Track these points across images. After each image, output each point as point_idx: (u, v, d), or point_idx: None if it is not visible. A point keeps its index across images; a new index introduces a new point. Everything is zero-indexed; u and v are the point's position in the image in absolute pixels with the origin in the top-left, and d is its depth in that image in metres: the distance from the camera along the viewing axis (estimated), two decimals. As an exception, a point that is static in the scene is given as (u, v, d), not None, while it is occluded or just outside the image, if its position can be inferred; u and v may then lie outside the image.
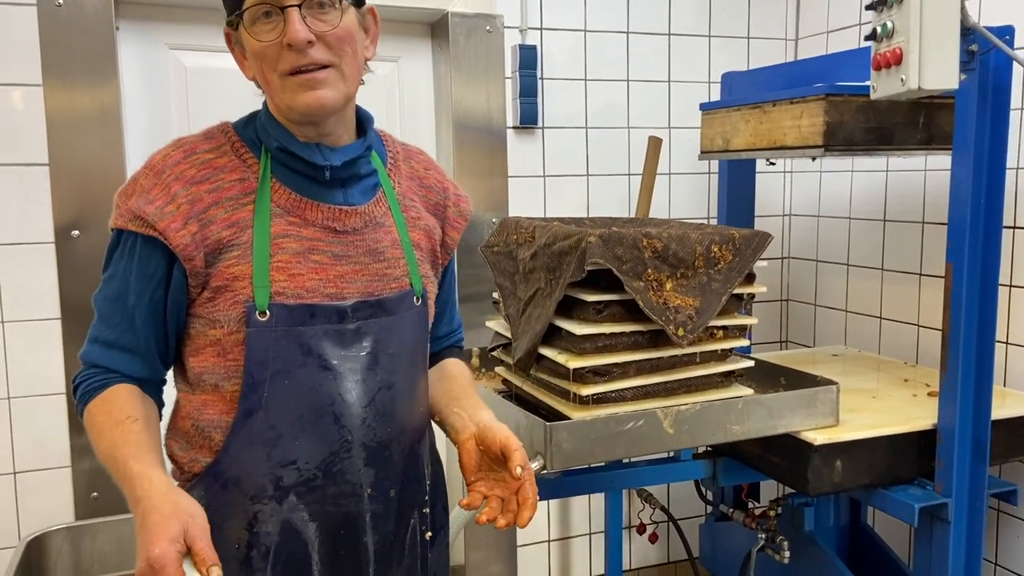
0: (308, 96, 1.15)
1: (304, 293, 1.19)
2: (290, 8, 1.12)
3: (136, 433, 1.12)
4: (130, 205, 1.15)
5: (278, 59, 1.14)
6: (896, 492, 1.78)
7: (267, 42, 1.13)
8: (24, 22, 2.07)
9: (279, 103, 1.18)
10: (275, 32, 1.13)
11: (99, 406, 1.17)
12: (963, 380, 1.71)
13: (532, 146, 2.59)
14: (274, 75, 1.16)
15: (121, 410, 1.15)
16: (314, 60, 1.14)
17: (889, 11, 1.45)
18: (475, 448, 1.25)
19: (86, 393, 1.19)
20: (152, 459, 1.10)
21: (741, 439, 1.71)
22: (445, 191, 1.39)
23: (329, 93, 1.16)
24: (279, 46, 1.13)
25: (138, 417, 1.14)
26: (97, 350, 1.20)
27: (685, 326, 1.61)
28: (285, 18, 1.12)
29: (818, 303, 2.87)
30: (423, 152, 1.42)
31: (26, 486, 2.18)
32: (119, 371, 1.19)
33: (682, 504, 2.77)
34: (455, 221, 1.39)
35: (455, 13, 2.44)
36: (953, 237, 1.70)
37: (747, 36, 2.82)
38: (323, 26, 1.14)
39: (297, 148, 1.20)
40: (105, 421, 1.14)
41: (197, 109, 2.35)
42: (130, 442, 1.11)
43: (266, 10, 1.12)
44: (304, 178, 1.22)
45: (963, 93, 1.60)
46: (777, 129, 1.99)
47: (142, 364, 1.20)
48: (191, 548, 1.01)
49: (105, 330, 1.20)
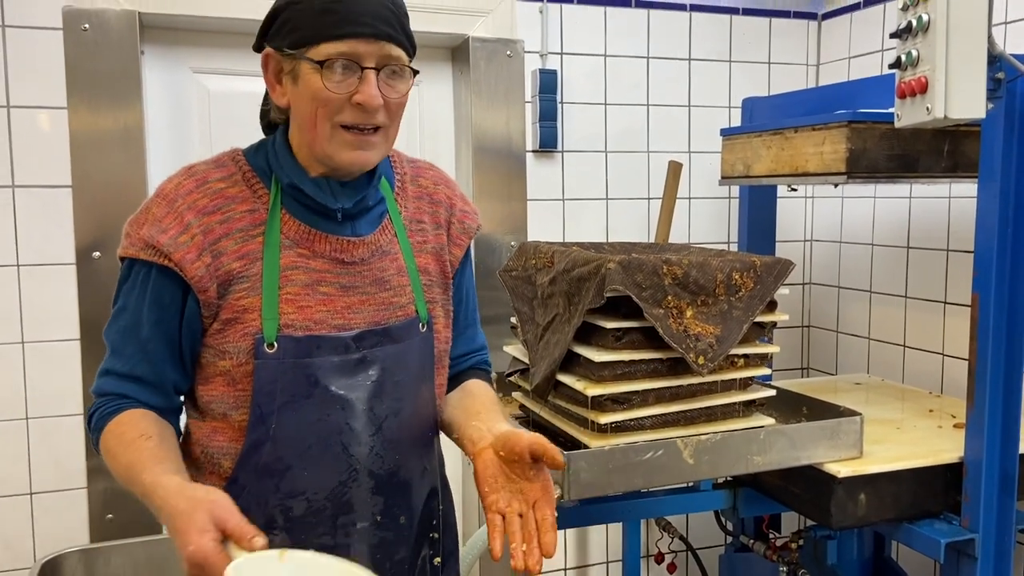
0: (354, 155, 1.16)
1: (312, 325, 1.18)
2: (369, 70, 1.13)
3: (148, 449, 1.11)
4: (142, 234, 1.15)
5: (339, 110, 1.14)
6: (922, 526, 1.74)
7: (338, 94, 1.13)
8: (50, 45, 2.10)
9: (319, 149, 1.17)
10: (345, 85, 1.13)
11: (112, 430, 1.16)
12: (990, 412, 1.68)
13: (551, 170, 2.59)
14: (327, 123, 1.15)
15: (134, 430, 1.14)
16: (375, 122, 1.16)
17: (914, 39, 1.44)
18: (493, 457, 1.17)
19: (100, 420, 1.18)
20: (163, 468, 1.08)
21: (763, 470, 1.68)
22: (452, 207, 1.37)
23: (373, 156, 1.19)
24: (346, 99, 1.13)
25: (151, 435, 1.13)
26: (111, 382, 1.20)
27: (706, 354, 1.59)
28: (363, 77, 1.13)
29: (840, 330, 2.83)
30: (433, 167, 1.41)
31: (42, 507, 2.18)
32: (134, 398, 1.19)
33: (701, 533, 2.73)
34: (458, 238, 1.37)
35: (476, 38, 2.44)
36: (980, 266, 1.67)
37: (768, 61, 2.81)
38: (392, 93, 1.16)
39: (309, 188, 1.20)
40: (118, 444, 1.14)
41: (219, 132, 2.37)
42: (143, 458, 1.10)
43: (345, 63, 1.12)
44: (312, 211, 1.22)
45: (989, 121, 1.57)
46: (799, 155, 1.97)
47: (155, 393, 1.20)
48: (224, 530, 0.98)
49: (118, 363, 1.19)
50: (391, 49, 1.14)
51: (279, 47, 1.16)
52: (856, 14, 2.69)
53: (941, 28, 1.39)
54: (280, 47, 1.16)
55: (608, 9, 2.60)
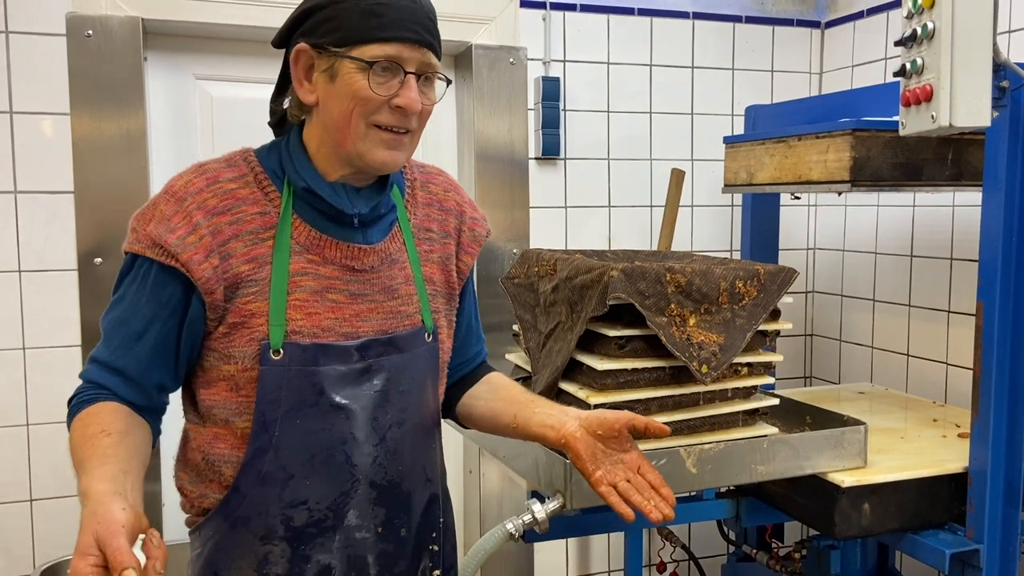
0: (386, 154, 1.18)
1: (320, 332, 1.17)
2: (411, 75, 1.15)
3: (101, 447, 1.05)
4: (149, 231, 1.13)
5: (378, 111, 1.15)
6: (926, 537, 1.73)
7: (379, 95, 1.14)
8: (54, 51, 2.10)
9: (350, 147, 1.17)
10: (387, 87, 1.14)
11: (81, 419, 1.12)
12: (995, 422, 1.67)
13: (554, 177, 2.59)
14: (362, 121, 1.15)
15: (97, 424, 1.09)
16: (407, 125, 1.17)
17: (919, 47, 1.43)
18: (589, 438, 1.27)
19: (75, 407, 1.15)
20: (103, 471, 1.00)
21: (766, 480, 1.67)
22: (462, 214, 1.37)
23: (402, 157, 1.20)
24: (384, 100, 1.14)
25: (112, 432, 1.07)
26: (94, 370, 1.17)
27: (709, 363, 1.58)
28: (405, 82, 1.14)
29: (843, 339, 2.82)
30: (442, 173, 1.41)
31: (42, 513, 2.17)
32: (112, 391, 1.16)
33: (703, 543, 2.72)
34: (469, 246, 1.37)
35: (479, 45, 2.45)
36: (984, 275, 1.66)
37: (771, 69, 2.81)
38: (426, 99, 1.18)
39: (325, 193, 1.19)
40: (80, 437, 1.08)
41: (221, 138, 2.37)
42: (91, 456, 1.03)
43: (388, 65, 1.14)
44: (325, 217, 1.21)
45: (994, 130, 1.57)
46: (802, 163, 1.96)
47: (134, 390, 1.16)
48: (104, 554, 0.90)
49: (105, 351, 1.17)
50: (430, 56, 1.17)
51: (318, 44, 1.15)
52: (859, 23, 2.69)
53: (946, 36, 1.39)
54: (320, 44, 1.14)
55: (611, 17, 2.60)
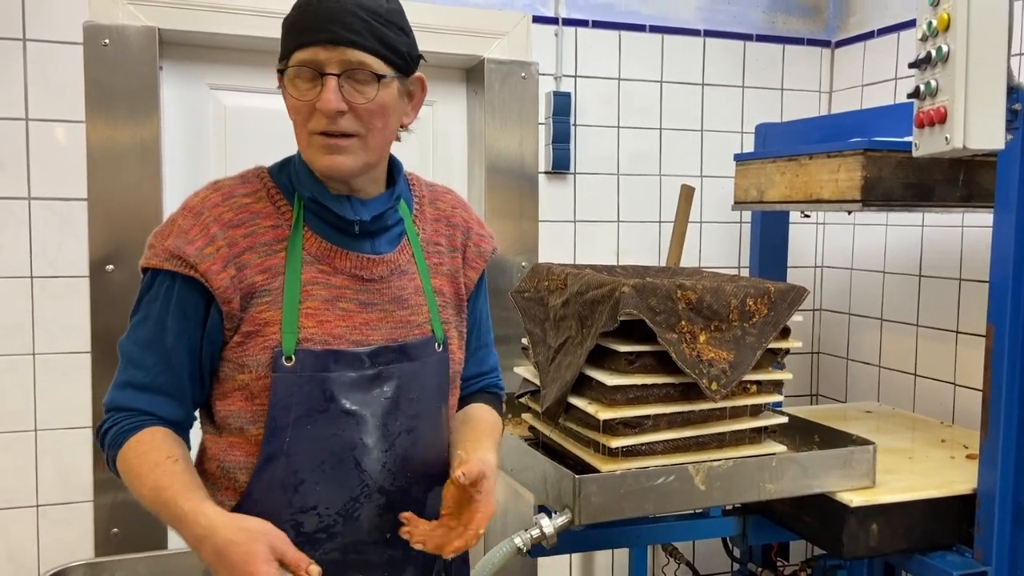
0: (327, 159, 1.17)
1: (331, 340, 1.19)
2: (329, 76, 1.13)
3: (179, 473, 1.11)
4: (168, 245, 1.16)
5: (310, 118, 1.16)
6: (933, 558, 1.72)
7: (302, 101, 1.15)
8: (70, 60, 2.11)
9: (306, 158, 1.21)
10: (312, 93, 1.14)
11: (134, 448, 1.14)
12: (1004, 444, 1.66)
13: (564, 191, 2.59)
14: (303, 131, 1.18)
15: (159, 451, 1.13)
16: (341, 128, 1.16)
17: (933, 69, 1.44)
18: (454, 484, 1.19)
19: (118, 436, 1.16)
20: (199, 495, 1.10)
21: (775, 498, 1.66)
22: (468, 230, 1.39)
23: (347, 161, 1.18)
24: (312, 106, 1.14)
25: (178, 457, 1.13)
26: (129, 394, 1.18)
27: (719, 380, 1.58)
28: (323, 84, 1.13)
29: (850, 357, 2.82)
30: (450, 191, 1.42)
31: (48, 520, 2.17)
32: (153, 413, 1.18)
33: (708, 560, 2.71)
34: (473, 261, 1.38)
35: (491, 59, 2.46)
36: (995, 297, 1.66)
37: (781, 88, 2.82)
38: (358, 98, 1.15)
39: (328, 201, 1.21)
40: (143, 464, 1.13)
41: (234, 147, 2.38)
42: (176, 483, 1.10)
43: (303, 71, 1.14)
44: (333, 228, 1.23)
45: (1006, 152, 1.57)
46: (813, 182, 1.97)
47: (177, 406, 1.19)
48: (282, 560, 1.04)
49: (137, 374, 1.18)
50: (354, 55, 1.14)
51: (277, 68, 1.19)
52: (869, 43, 2.71)
53: (961, 59, 1.40)
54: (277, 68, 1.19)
55: (622, 33, 2.61)
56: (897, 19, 2.59)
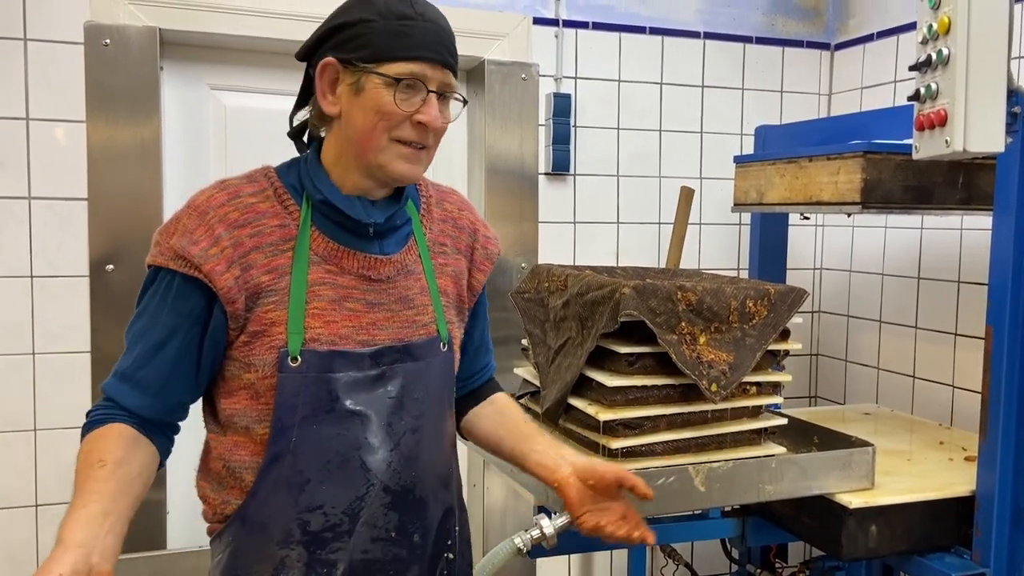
0: (405, 167, 1.21)
1: (337, 340, 1.20)
2: (433, 94, 1.19)
3: (94, 480, 1.09)
4: (172, 244, 1.16)
5: (400, 126, 1.19)
6: (932, 560, 1.72)
7: (403, 111, 1.18)
8: (71, 60, 2.11)
9: (371, 159, 1.21)
10: (410, 103, 1.18)
11: (86, 443, 1.16)
12: (1003, 446, 1.67)
13: (563, 193, 2.60)
14: (385, 135, 1.19)
15: (97, 452, 1.13)
16: (426, 141, 1.21)
17: (933, 72, 1.45)
18: (581, 486, 1.33)
19: (87, 426, 1.18)
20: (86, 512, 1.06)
21: (774, 499, 1.67)
22: (475, 232, 1.41)
23: (419, 170, 1.25)
24: (406, 115, 1.18)
25: (108, 462, 1.11)
26: (114, 383, 1.20)
27: (719, 381, 1.59)
28: (427, 99, 1.18)
29: (849, 359, 2.82)
30: (456, 192, 1.44)
31: (47, 519, 2.17)
32: (126, 408, 1.18)
33: (706, 561, 2.71)
34: (482, 264, 1.40)
35: (491, 60, 2.46)
36: (994, 299, 1.67)
37: (780, 90, 2.83)
38: (444, 118, 1.23)
39: (342, 204, 1.22)
40: (82, 462, 1.13)
41: (234, 147, 2.39)
42: (83, 490, 1.09)
43: (413, 83, 1.17)
44: (343, 228, 1.24)
45: (1006, 155, 1.58)
46: (813, 184, 1.97)
47: (152, 402, 1.18)
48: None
49: (126, 361, 1.19)
50: (450, 77, 1.22)
51: (346, 59, 1.18)
52: (869, 45, 2.71)
53: (961, 62, 1.40)
54: (348, 59, 1.18)
55: (623, 35, 2.62)
56: (896, 22, 2.60)
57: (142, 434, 1.17)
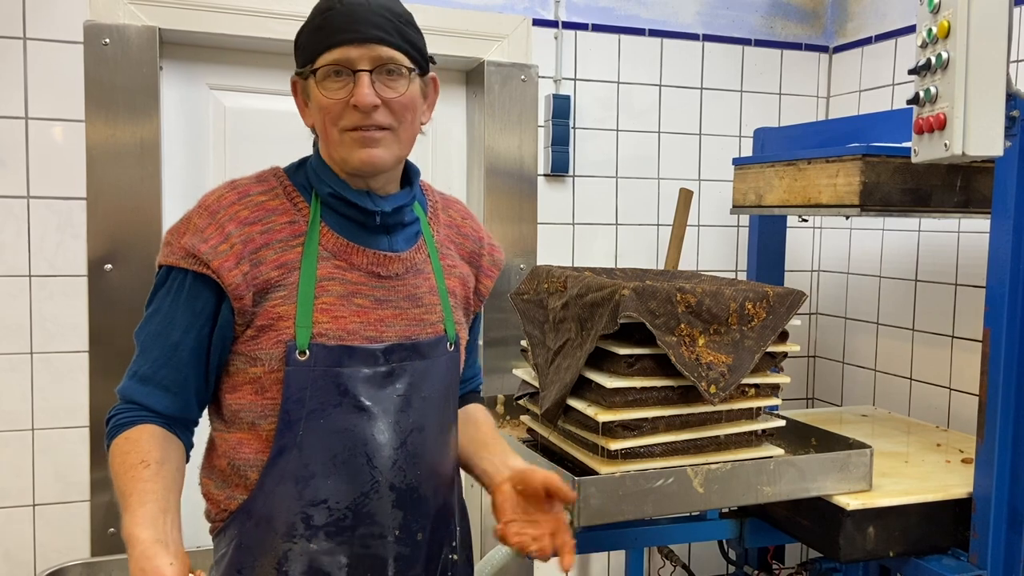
0: (362, 153, 1.19)
1: (345, 335, 1.20)
2: (361, 72, 1.17)
3: (142, 481, 1.11)
4: (183, 243, 1.17)
5: (342, 116, 1.18)
6: (930, 562, 1.73)
7: (334, 99, 1.17)
8: (70, 59, 2.11)
9: (335, 156, 1.22)
10: (343, 91, 1.17)
11: (120, 446, 1.16)
12: (1000, 448, 1.67)
13: (562, 194, 2.60)
14: (335, 129, 1.19)
15: (136, 453, 1.14)
16: (375, 122, 1.19)
17: (933, 76, 1.45)
18: (511, 491, 1.29)
19: (114, 429, 1.19)
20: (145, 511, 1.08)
21: (772, 501, 1.67)
22: (480, 240, 1.42)
23: (382, 153, 1.21)
24: (344, 104, 1.17)
25: (150, 462, 1.13)
26: (133, 385, 1.20)
27: (717, 383, 1.59)
28: (356, 80, 1.17)
29: (846, 361, 2.83)
30: (459, 201, 1.46)
31: (44, 519, 2.17)
32: (151, 408, 1.19)
33: (703, 562, 2.71)
34: (489, 270, 1.42)
35: (491, 62, 2.46)
36: (991, 302, 1.67)
37: (779, 92, 2.83)
38: (390, 92, 1.19)
39: (350, 194, 1.23)
40: (120, 465, 1.14)
41: (234, 147, 2.38)
42: (135, 491, 1.10)
43: (337, 69, 1.17)
44: (352, 223, 1.24)
45: (1004, 159, 1.58)
46: (812, 187, 1.98)
47: (175, 400, 1.20)
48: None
49: (144, 364, 1.20)
50: (383, 51, 1.18)
51: (298, 72, 1.22)
52: (867, 48, 2.72)
53: (960, 66, 1.41)
54: (298, 72, 1.22)
55: (622, 37, 2.62)
56: (895, 25, 2.61)
57: (170, 432, 1.20)
